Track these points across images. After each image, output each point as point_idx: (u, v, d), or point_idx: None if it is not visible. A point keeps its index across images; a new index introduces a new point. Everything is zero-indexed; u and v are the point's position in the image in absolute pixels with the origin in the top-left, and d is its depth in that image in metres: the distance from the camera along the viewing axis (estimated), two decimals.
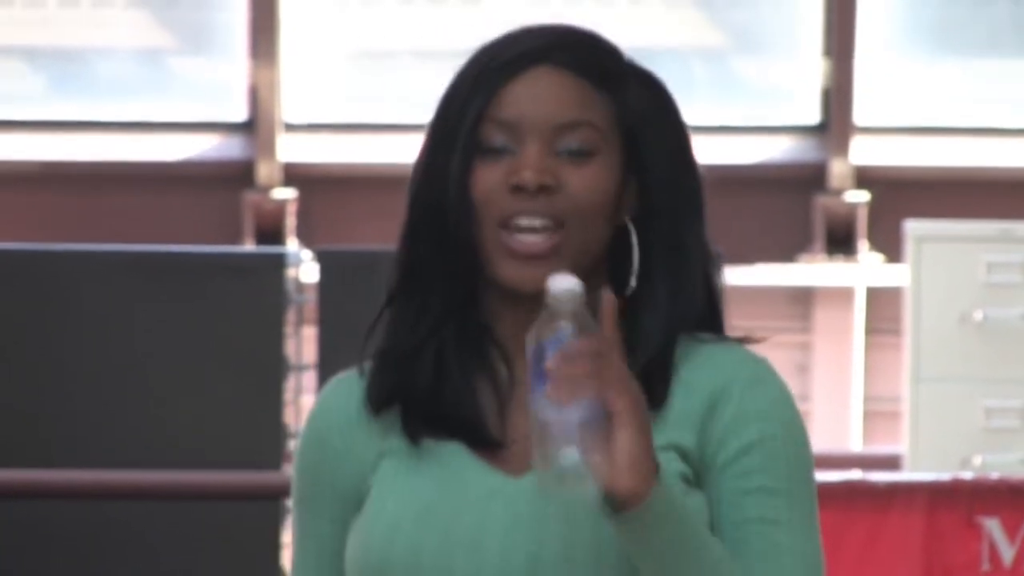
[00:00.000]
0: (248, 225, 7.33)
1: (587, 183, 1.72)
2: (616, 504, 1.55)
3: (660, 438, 1.64)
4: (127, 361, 5.70)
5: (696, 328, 1.75)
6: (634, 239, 1.74)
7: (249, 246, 7.21)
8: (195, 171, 7.41)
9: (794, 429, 1.74)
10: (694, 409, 1.72)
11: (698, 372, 1.75)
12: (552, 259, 1.70)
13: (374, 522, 1.72)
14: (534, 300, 1.62)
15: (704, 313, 1.77)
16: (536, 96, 1.74)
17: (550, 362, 1.57)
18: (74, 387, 5.72)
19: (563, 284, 1.61)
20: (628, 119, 1.75)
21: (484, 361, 1.73)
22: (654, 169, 1.76)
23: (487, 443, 1.71)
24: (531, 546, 1.71)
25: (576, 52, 1.75)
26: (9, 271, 5.76)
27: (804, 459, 1.75)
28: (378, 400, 1.73)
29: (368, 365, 1.75)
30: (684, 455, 1.70)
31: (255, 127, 7.27)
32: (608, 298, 1.62)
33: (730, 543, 1.69)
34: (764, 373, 1.75)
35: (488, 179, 1.69)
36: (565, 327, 1.60)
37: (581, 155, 1.72)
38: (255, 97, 7.24)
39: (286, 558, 5.03)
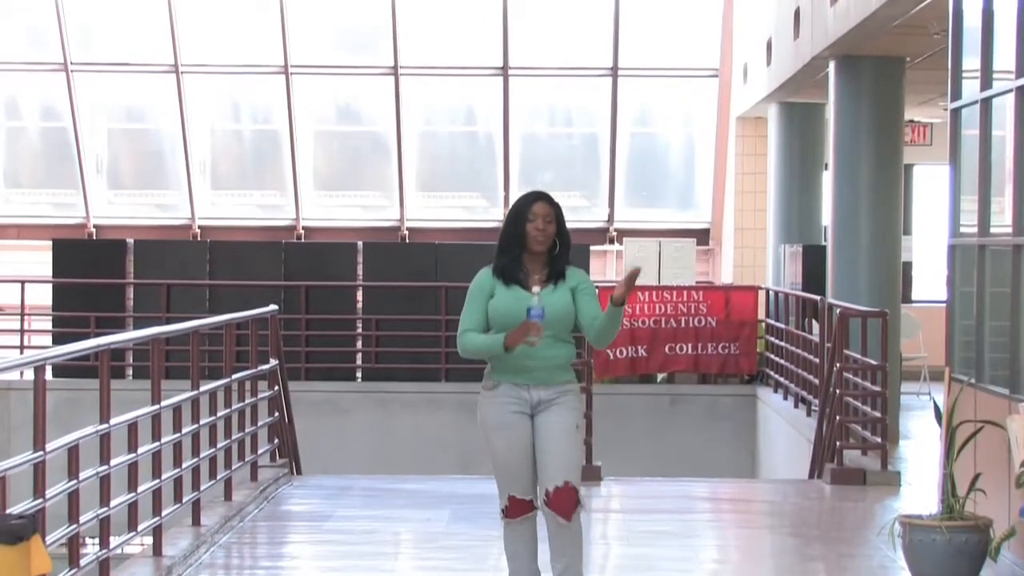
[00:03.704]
0: None
1: (553, 231, 6.42)
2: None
3: (567, 284, 6.47)
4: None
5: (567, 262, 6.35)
6: (558, 244, 6.40)
7: None
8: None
9: (591, 285, 6.42)
10: (573, 283, 6.42)
11: (573, 273, 6.44)
12: (543, 247, 6.44)
13: (498, 306, 6.45)
14: (537, 254, 6.46)
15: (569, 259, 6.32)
16: (541, 207, 6.42)
17: (534, 322, 6.18)
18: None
19: (538, 300, 6.25)
20: (557, 216, 6.39)
21: (523, 268, 6.45)
22: (562, 231, 6.40)
23: (523, 284, 6.42)
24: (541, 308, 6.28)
25: (548, 198, 6.48)
26: (477, 254, 13.58)
27: (594, 291, 6.31)
28: (496, 273, 6.47)
29: (492, 266, 6.46)
30: (572, 290, 6.42)
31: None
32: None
33: (589, 313, 6.38)
34: (586, 275, 6.47)
35: (531, 228, 6.42)
36: (537, 309, 6.27)
37: (552, 222, 6.41)
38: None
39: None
